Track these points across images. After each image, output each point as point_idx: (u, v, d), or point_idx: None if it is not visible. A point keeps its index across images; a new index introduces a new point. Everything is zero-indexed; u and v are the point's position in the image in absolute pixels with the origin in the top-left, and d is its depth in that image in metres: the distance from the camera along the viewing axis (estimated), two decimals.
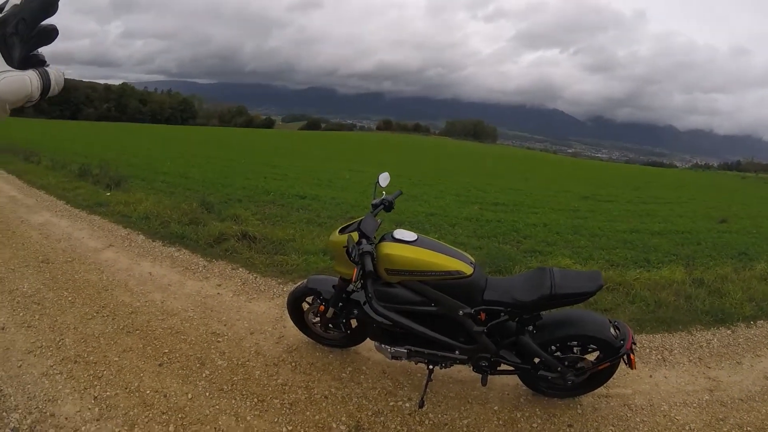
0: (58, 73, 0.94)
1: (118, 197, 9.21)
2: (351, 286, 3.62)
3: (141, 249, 6.58)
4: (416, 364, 3.74)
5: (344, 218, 3.62)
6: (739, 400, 3.92)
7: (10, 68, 0.86)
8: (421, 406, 3.47)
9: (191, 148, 27.61)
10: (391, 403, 3.63)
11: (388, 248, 3.31)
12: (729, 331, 5.25)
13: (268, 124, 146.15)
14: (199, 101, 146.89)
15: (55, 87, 0.94)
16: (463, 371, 3.85)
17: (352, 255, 3.14)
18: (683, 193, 23.64)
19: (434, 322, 3.40)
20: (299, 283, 4.24)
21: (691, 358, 4.61)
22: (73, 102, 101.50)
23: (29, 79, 0.88)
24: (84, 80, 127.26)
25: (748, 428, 3.55)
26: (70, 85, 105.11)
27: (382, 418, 3.47)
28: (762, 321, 5.56)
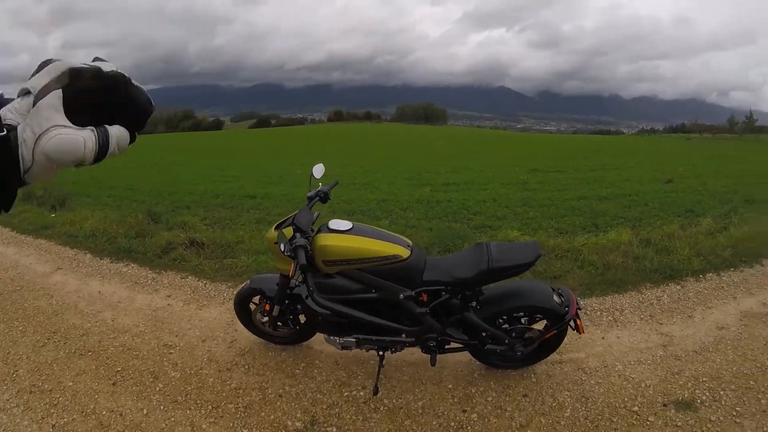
0: (121, 134, 0.80)
1: (63, 217, 8.91)
2: (292, 281, 3.60)
3: (89, 268, 6.40)
4: (367, 351, 3.72)
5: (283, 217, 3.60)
6: (693, 352, 4.01)
7: (66, 123, 0.73)
8: (376, 392, 3.47)
9: (137, 157, 27.05)
10: (346, 394, 3.63)
11: (324, 239, 3.30)
12: (678, 287, 5.38)
13: (217, 125, 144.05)
14: None
15: (116, 150, 0.80)
16: (415, 353, 3.85)
17: (285, 250, 3.12)
18: (630, 158, 24.09)
19: (378, 308, 3.40)
20: (243, 285, 4.21)
21: (642, 316, 4.70)
22: None
23: (84, 139, 0.74)
24: None
25: (704, 378, 3.64)
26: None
27: (337, 410, 3.46)
28: (711, 274, 5.72)
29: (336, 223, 3.43)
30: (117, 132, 0.79)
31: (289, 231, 3.28)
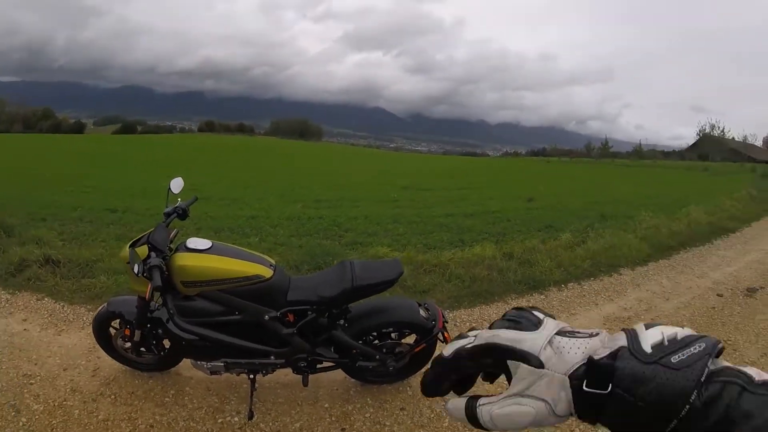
0: None
1: None
2: (152, 303, 3.43)
3: None
4: (238, 375, 3.63)
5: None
6: None
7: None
8: (251, 417, 3.40)
9: None
10: (220, 420, 3.52)
11: (182, 259, 3.19)
12: (542, 296, 5.78)
13: (78, 128, 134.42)
14: (1, 104, 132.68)
15: None
16: (288, 375, 3.79)
17: (138, 271, 2.96)
18: (494, 177, 25.31)
19: (243, 330, 3.34)
20: (101, 307, 3.92)
21: None
22: None
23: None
24: None
25: None
26: None
27: None
28: (572, 283, 6.20)
29: (194, 242, 3.34)
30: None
31: (143, 250, 3.13)
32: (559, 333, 0.63)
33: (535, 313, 0.66)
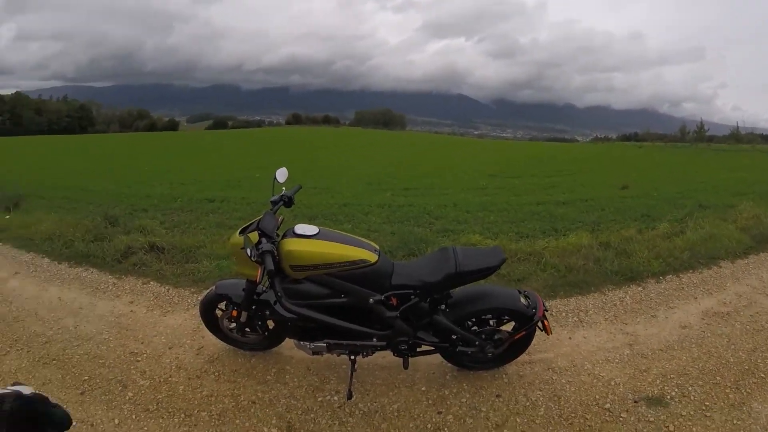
0: None
1: (18, 219, 8.69)
2: (259, 287, 3.53)
3: (47, 273, 6.18)
4: (338, 356, 3.70)
5: (256, 217, 3.56)
6: (658, 350, 4.12)
7: None
8: (350, 397, 3.45)
9: (92, 157, 26.35)
10: (320, 399, 3.60)
11: (291, 244, 3.27)
12: (640, 288, 5.51)
13: (173, 126, 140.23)
14: (97, 107, 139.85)
15: None
16: (387, 357, 3.84)
17: (252, 255, 3.06)
18: (585, 164, 24.49)
19: (347, 312, 3.39)
20: (209, 290, 4.11)
21: (606, 316, 4.81)
22: None
23: None
24: None
25: (672, 375, 3.74)
26: None
27: (312, 415, 3.43)
28: (670, 276, 5.88)
29: (302, 228, 3.41)
30: None
31: (254, 236, 3.24)
32: None
33: None
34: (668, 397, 3.50)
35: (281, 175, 3.73)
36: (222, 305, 4.01)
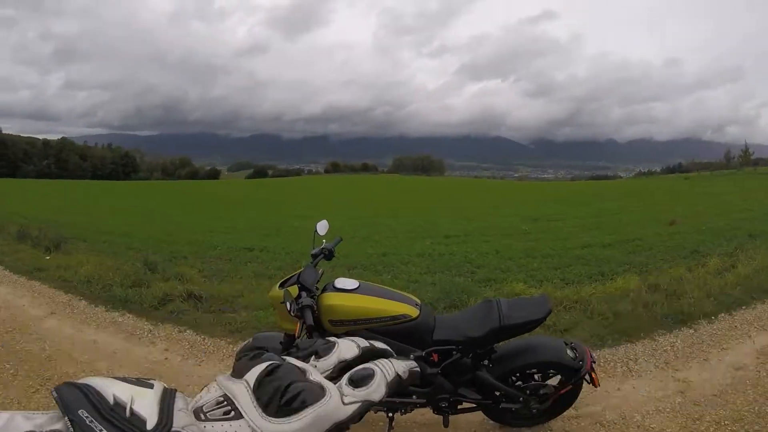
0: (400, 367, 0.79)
1: (58, 260, 8.86)
2: (297, 341, 3.41)
3: (84, 315, 6.25)
4: (375, 413, 3.57)
5: (294, 268, 3.55)
6: (712, 396, 3.94)
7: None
8: None
9: (134, 203, 27.00)
10: None
11: (330, 299, 3.21)
12: (692, 331, 5.33)
13: (214, 174, 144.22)
14: (141, 154, 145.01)
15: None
16: (426, 414, 3.70)
17: (291, 310, 3.01)
18: (630, 201, 24.16)
19: None
20: (245, 342, 3.99)
21: (657, 363, 4.63)
22: (11, 158, 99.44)
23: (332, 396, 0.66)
24: (22, 135, 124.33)
25: (726, 422, 3.56)
26: (7, 140, 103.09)
27: None
28: (722, 314, 5.71)
29: (342, 282, 3.35)
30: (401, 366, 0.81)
31: (294, 289, 3.19)
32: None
33: None
34: None
35: (322, 227, 3.70)
36: None
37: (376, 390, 0.72)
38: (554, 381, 3.46)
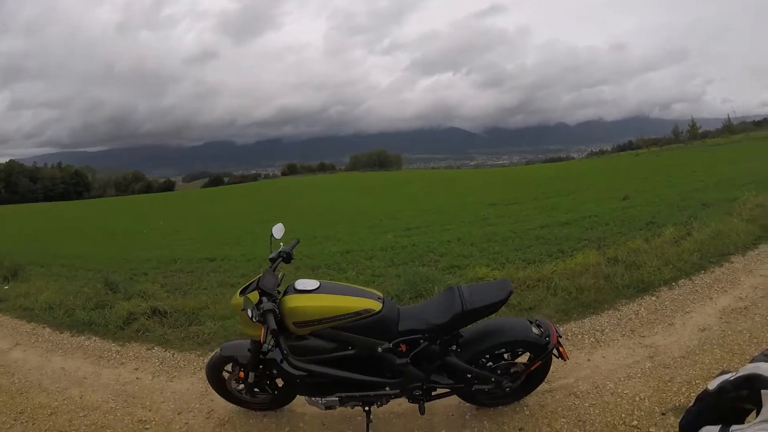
0: None
1: (17, 289, 8.58)
2: (265, 345, 3.48)
3: (49, 343, 6.12)
4: (352, 408, 3.63)
5: (258, 274, 3.57)
6: (680, 358, 4.08)
7: None
8: None
9: (86, 223, 26.48)
10: None
11: (292, 301, 3.26)
12: (654, 298, 5.48)
13: (168, 186, 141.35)
14: (92, 172, 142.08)
15: None
16: (402, 404, 3.76)
17: (253, 316, 3.04)
18: (584, 181, 24.60)
19: (357, 364, 3.36)
20: (214, 353, 4.08)
21: (623, 332, 4.76)
22: None
23: None
24: None
25: (697, 381, 3.68)
26: None
27: None
28: (683, 280, 5.88)
29: (303, 283, 3.40)
30: None
31: (254, 295, 3.23)
32: None
33: None
34: None
35: (278, 231, 3.73)
36: (228, 367, 3.95)
37: None
38: (524, 359, 3.55)
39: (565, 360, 3.50)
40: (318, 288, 3.36)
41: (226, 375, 3.98)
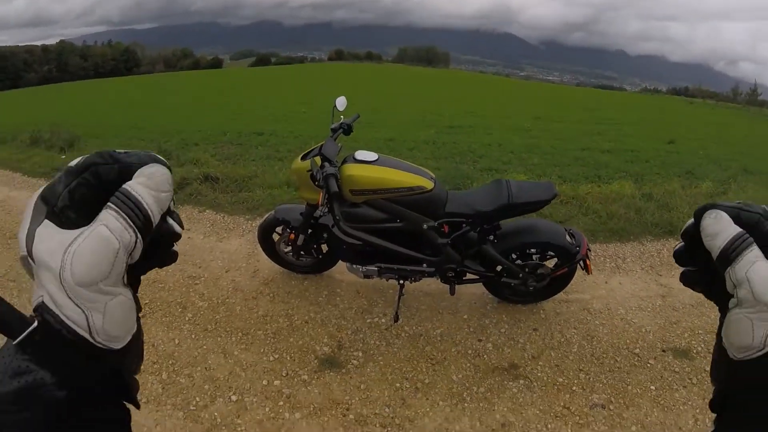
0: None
1: (74, 158, 8.89)
2: (318, 211, 3.64)
3: None
4: (387, 281, 3.91)
5: (303, 151, 3.74)
6: (689, 305, 4.19)
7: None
8: (396, 320, 3.68)
9: (139, 98, 26.65)
10: (368, 320, 3.85)
11: (351, 169, 3.42)
12: (678, 243, 5.56)
13: (216, 64, 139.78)
14: (142, 48, 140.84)
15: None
16: (432, 284, 4.08)
17: (317, 179, 3.24)
18: (632, 114, 23.80)
19: (401, 237, 3.57)
20: (267, 215, 4.31)
21: (643, 266, 4.90)
22: (11, 70, 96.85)
23: (107, 229, 0.46)
24: (20, 45, 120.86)
25: (699, 331, 3.84)
26: (5, 52, 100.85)
27: (361, 335, 3.68)
28: None
29: (362, 154, 3.55)
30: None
31: (317, 161, 3.40)
32: None
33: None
34: (694, 351, 3.61)
35: (341, 103, 3.86)
36: (279, 230, 4.23)
37: None
38: (551, 264, 3.73)
39: (588, 273, 3.64)
40: (377, 160, 3.51)
41: (275, 237, 4.27)
